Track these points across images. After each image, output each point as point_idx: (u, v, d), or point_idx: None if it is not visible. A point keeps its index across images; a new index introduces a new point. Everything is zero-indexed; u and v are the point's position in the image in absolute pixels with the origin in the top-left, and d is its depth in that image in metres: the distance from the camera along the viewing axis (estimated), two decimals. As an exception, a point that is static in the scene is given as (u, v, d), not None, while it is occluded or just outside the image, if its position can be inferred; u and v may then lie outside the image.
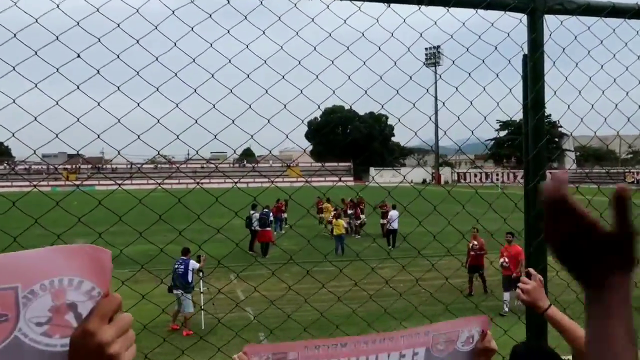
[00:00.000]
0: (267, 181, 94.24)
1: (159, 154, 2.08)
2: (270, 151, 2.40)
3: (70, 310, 1.00)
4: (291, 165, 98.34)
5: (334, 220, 21.63)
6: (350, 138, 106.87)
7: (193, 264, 11.57)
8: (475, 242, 14.56)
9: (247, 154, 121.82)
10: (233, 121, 1.97)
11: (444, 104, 3.06)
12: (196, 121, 1.88)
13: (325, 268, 17.37)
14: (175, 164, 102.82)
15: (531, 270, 2.30)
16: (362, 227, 26.38)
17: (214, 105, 1.88)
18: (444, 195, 3.46)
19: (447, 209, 3.50)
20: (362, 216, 26.11)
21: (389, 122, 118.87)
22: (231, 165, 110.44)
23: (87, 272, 1.01)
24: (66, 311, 1.00)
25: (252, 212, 21.72)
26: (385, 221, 24.92)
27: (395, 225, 22.42)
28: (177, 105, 1.78)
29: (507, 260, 12.84)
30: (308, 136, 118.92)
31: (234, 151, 2.21)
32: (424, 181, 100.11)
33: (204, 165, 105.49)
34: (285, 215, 29.21)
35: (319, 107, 2.43)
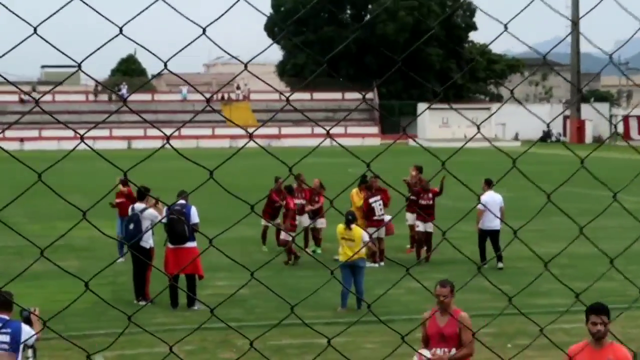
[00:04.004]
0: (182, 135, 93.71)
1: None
2: (225, 64, 2.49)
3: None
4: (238, 96, 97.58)
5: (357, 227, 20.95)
6: (369, 36, 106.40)
7: (26, 332, 11.55)
8: None
9: (127, 72, 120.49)
10: None
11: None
12: None
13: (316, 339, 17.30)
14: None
15: None
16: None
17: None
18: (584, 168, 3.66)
19: (598, 198, 3.66)
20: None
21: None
22: (93, 97, 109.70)
23: None
24: None
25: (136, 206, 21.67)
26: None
27: (494, 223, 23.08)
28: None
29: None
30: (271, 28, 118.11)
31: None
32: (546, 136, 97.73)
33: (24, 97, 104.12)
34: (323, 205, 27.89)
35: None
